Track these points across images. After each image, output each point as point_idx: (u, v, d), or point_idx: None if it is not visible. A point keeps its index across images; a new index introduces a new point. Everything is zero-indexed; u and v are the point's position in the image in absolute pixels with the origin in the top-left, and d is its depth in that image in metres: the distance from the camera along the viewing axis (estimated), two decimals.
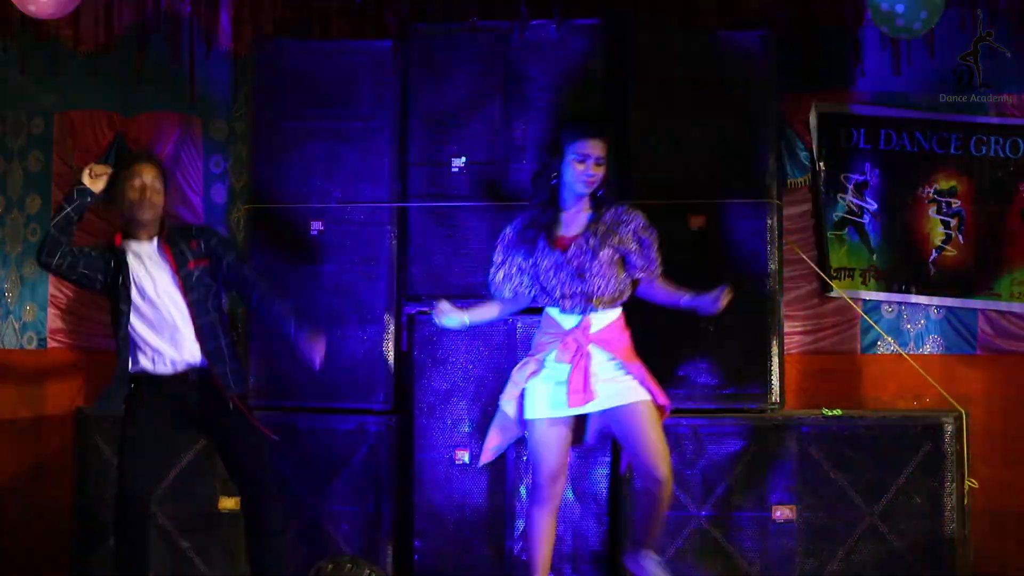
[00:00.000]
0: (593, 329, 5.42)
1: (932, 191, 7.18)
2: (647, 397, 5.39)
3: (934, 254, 7.16)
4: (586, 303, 5.42)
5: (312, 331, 5.57)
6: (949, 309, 7.14)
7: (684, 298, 5.50)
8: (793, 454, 6.18)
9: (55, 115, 7.76)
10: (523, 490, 6.34)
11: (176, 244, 5.58)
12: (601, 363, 5.40)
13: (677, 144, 6.44)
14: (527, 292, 5.59)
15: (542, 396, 5.44)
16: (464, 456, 6.41)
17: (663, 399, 5.43)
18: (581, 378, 5.35)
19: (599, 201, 5.53)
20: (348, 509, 6.43)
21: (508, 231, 5.64)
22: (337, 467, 6.43)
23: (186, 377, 5.53)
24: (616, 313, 5.51)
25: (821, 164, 7.22)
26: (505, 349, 6.41)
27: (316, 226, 6.60)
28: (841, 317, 7.19)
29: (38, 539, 7.31)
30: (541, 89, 6.54)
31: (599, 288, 5.42)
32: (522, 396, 5.51)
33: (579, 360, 5.36)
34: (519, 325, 6.38)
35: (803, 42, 6.67)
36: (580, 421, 5.52)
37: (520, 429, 5.57)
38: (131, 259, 5.57)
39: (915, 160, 7.20)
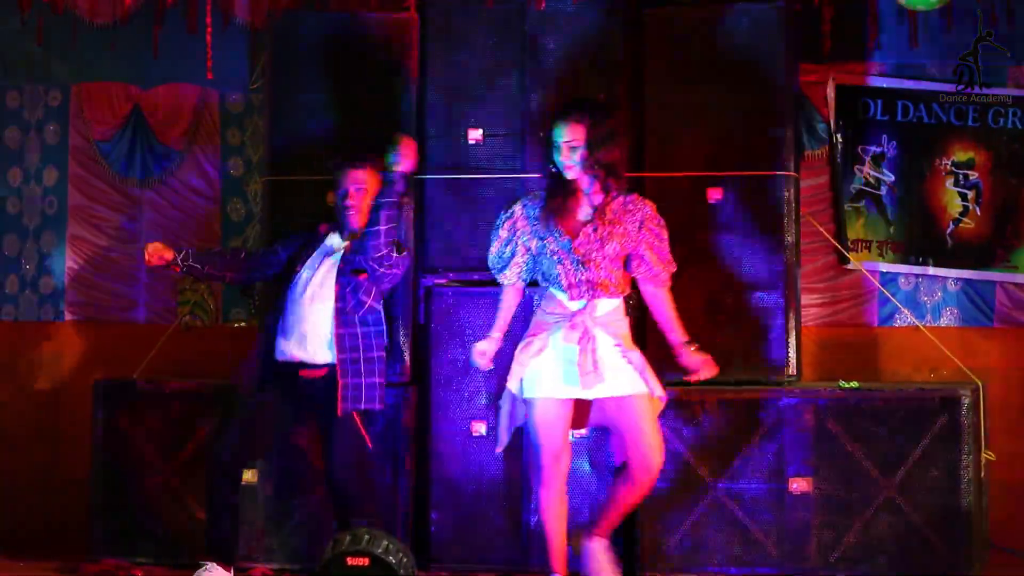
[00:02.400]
0: (598, 313, 5.42)
1: (949, 163, 7.16)
2: (645, 390, 5.39)
3: (951, 226, 7.14)
4: (592, 290, 5.41)
5: None
6: (966, 281, 7.13)
7: (675, 336, 5.52)
8: (810, 427, 6.17)
9: (72, 87, 7.77)
10: None
11: (357, 251, 5.79)
12: (606, 348, 5.39)
13: (694, 117, 6.42)
14: (528, 275, 5.61)
15: (550, 375, 5.42)
16: (481, 428, 6.42)
17: (661, 392, 5.44)
18: (591, 360, 5.34)
19: (608, 187, 5.48)
20: None
21: (517, 209, 5.60)
22: None
23: (316, 376, 5.74)
24: (618, 301, 5.50)
25: (838, 136, 7.21)
26: (522, 320, 6.37)
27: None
28: (858, 290, 7.19)
29: (55, 511, 7.34)
30: (558, 61, 6.51)
31: (604, 277, 5.42)
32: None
33: (587, 342, 5.36)
34: (536, 298, 6.36)
35: (820, 14, 6.63)
36: (581, 405, 5.51)
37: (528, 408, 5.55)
38: (315, 251, 5.88)
39: (932, 132, 7.19)
